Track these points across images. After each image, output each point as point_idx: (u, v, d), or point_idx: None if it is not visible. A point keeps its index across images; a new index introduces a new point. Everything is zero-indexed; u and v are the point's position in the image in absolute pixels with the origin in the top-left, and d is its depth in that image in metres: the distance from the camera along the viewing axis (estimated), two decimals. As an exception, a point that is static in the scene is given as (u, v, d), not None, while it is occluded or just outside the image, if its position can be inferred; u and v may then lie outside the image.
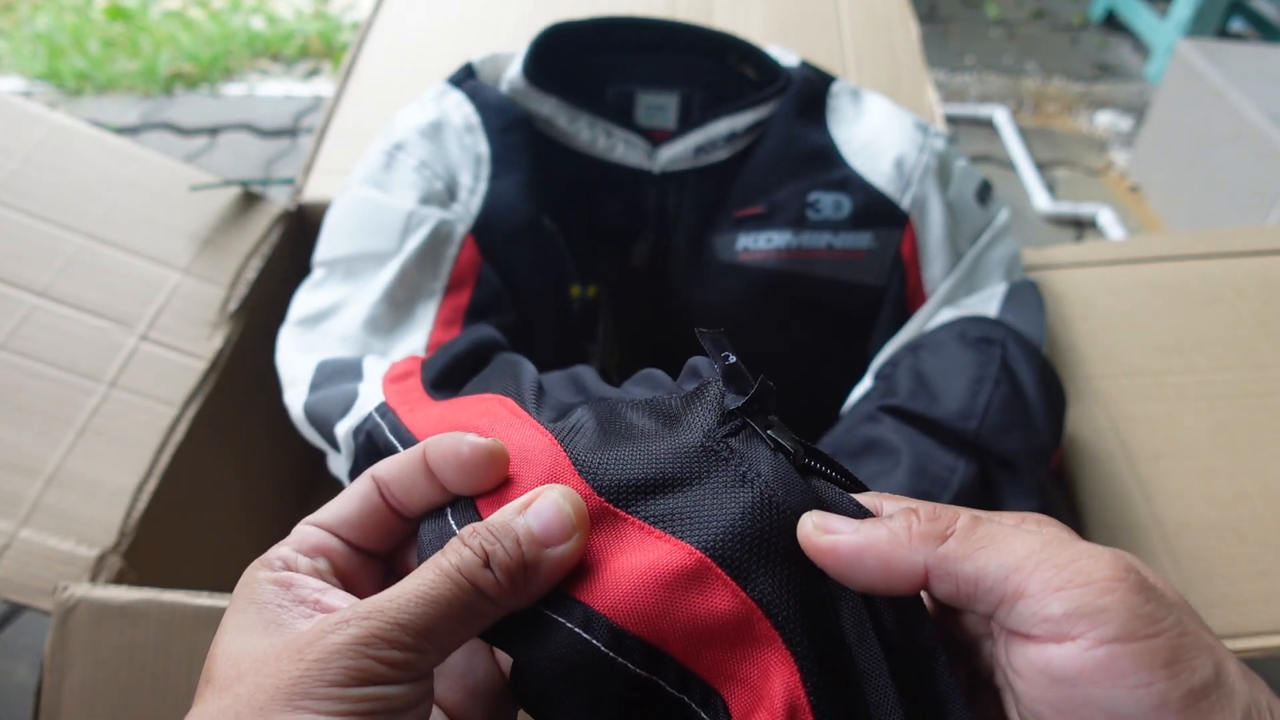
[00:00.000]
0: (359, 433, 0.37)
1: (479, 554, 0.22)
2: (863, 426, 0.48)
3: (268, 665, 0.21)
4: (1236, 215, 1.27)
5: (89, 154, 0.63)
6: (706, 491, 0.24)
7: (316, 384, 0.44)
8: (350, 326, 0.48)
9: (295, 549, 0.24)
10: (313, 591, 0.23)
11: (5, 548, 0.48)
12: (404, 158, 0.51)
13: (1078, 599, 0.19)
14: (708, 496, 0.24)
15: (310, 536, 0.25)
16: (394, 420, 0.34)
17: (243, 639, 0.22)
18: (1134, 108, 1.71)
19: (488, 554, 0.22)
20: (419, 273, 0.49)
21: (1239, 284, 0.63)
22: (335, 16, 1.89)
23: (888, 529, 0.22)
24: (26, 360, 0.54)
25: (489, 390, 0.33)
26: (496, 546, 0.22)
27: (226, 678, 0.21)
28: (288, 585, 0.23)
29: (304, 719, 0.19)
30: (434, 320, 0.48)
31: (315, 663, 0.20)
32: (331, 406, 0.41)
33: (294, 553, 0.24)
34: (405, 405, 0.36)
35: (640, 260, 0.57)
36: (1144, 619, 0.19)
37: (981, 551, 0.21)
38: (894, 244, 0.53)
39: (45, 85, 1.67)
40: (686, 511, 0.24)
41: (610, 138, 0.55)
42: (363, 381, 0.42)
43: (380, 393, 0.38)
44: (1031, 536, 0.21)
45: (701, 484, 0.24)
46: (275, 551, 0.24)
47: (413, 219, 0.49)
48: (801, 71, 0.56)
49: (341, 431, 0.40)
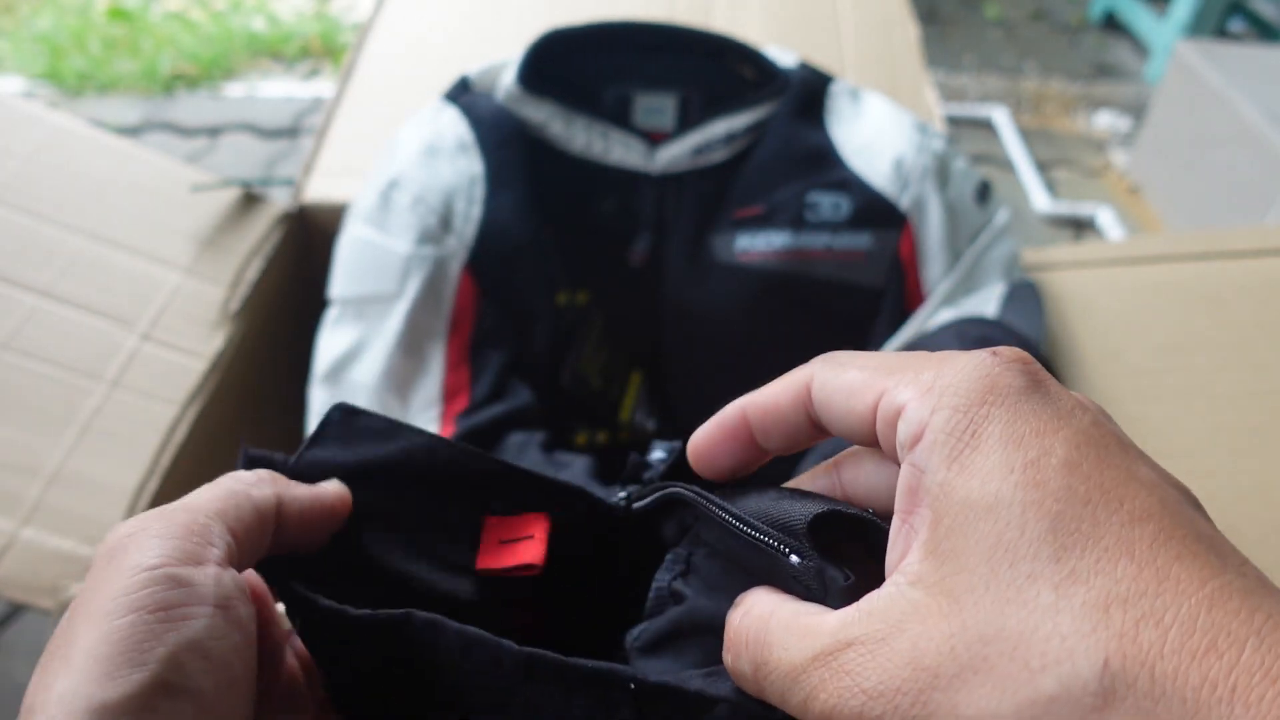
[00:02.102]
0: None
1: (272, 475, 0.25)
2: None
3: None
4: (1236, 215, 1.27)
5: (90, 155, 0.64)
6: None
7: None
8: (370, 376, 0.52)
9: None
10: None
11: (6, 547, 0.48)
12: (399, 195, 0.53)
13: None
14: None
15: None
16: None
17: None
18: (1133, 108, 1.72)
19: (276, 478, 0.24)
20: (423, 314, 0.52)
21: (1239, 284, 0.63)
22: (335, 17, 1.89)
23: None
24: (28, 360, 0.54)
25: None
26: (285, 481, 0.24)
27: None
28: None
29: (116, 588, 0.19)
30: (444, 364, 0.52)
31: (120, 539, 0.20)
32: None
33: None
34: None
35: (638, 261, 0.57)
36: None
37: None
38: (893, 245, 0.53)
39: (46, 86, 1.67)
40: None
41: (608, 140, 0.55)
42: None
43: None
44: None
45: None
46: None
47: (411, 262, 0.52)
48: (800, 72, 0.56)
49: None
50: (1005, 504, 0.16)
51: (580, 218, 0.57)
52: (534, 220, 0.53)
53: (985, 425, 0.17)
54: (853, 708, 0.17)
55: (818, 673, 0.18)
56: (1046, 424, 0.17)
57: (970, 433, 0.17)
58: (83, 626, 0.19)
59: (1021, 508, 0.16)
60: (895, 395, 0.19)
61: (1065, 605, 0.15)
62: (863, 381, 0.20)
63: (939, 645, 0.16)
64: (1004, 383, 0.18)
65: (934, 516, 0.18)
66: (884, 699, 0.17)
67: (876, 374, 0.20)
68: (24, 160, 0.61)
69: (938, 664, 0.16)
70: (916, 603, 0.17)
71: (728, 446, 0.24)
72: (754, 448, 0.24)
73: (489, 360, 0.53)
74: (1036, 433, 0.17)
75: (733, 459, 0.24)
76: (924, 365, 0.19)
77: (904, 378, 0.19)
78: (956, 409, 0.18)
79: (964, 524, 0.17)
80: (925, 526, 0.18)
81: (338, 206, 0.65)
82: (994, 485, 0.17)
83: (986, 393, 0.18)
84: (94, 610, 0.19)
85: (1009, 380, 0.18)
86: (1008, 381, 0.18)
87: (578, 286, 0.57)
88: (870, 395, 0.20)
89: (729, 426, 0.23)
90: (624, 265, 0.58)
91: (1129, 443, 0.18)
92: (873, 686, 0.17)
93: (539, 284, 0.54)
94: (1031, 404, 0.18)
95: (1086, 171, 1.55)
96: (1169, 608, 0.15)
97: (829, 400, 0.21)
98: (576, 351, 0.57)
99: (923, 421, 0.18)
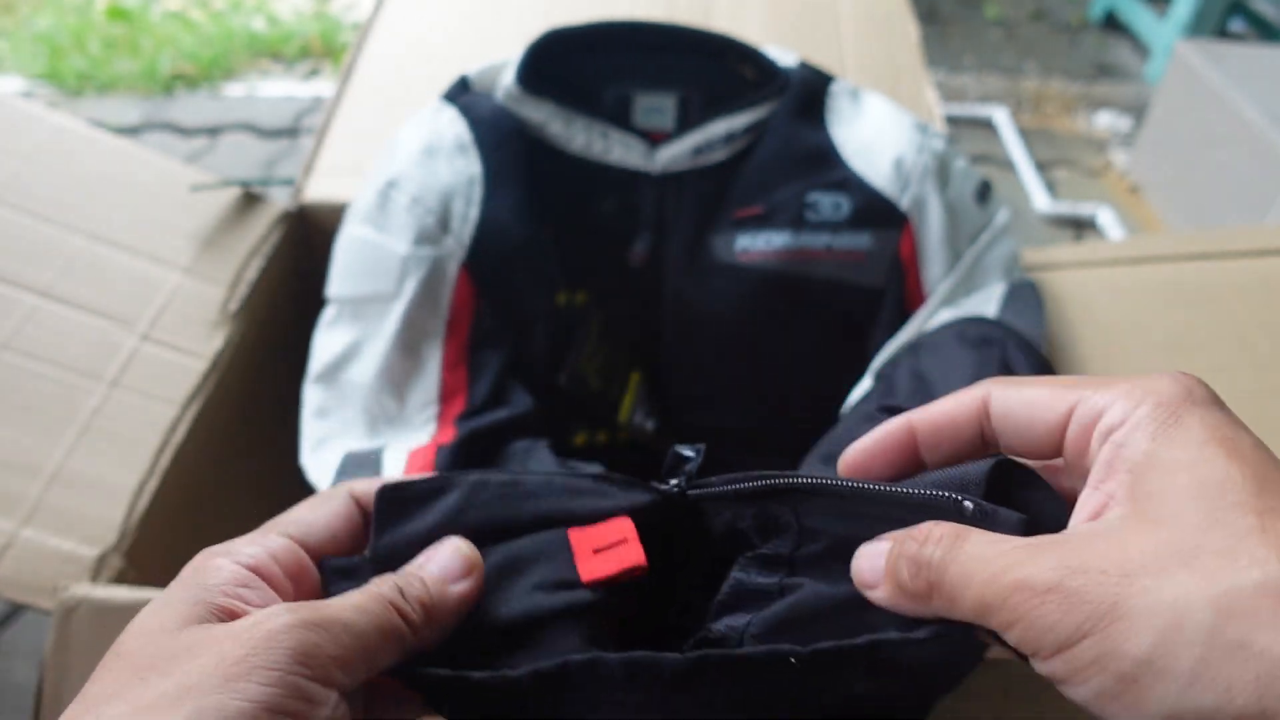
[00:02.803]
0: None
1: (394, 586, 0.24)
2: (863, 427, 0.48)
3: (206, 647, 0.20)
4: (1236, 215, 1.27)
5: (89, 154, 0.64)
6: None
7: (343, 471, 0.49)
8: (366, 375, 0.51)
9: (271, 555, 0.24)
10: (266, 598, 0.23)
11: (6, 547, 0.48)
12: (397, 195, 0.53)
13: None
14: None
15: (289, 550, 0.25)
16: None
17: (176, 617, 0.22)
18: (1133, 108, 1.71)
19: (401, 588, 0.24)
20: (420, 314, 0.52)
21: (1239, 284, 0.63)
22: (335, 16, 1.89)
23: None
24: (28, 360, 0.54)
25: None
26: (407, 582, 0.24)
27: (149, 657, 0.20)
28: (245, 584, 0.23)
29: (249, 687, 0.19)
30: (441, 364, 0.52)
31: (261, 640, 0.20)
32: None
33: (270, 559, 0.24)
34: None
35: (638, 261, 0.57)
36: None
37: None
38: (893, 245, 0.53)
39: (46, 85, 1.67)
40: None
41: (607, 139, 0.55)
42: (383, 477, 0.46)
43: None
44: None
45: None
46: (245, 548, 0.24)
47: (408, 262, 0.51)
48: (800, 72, 0.56)
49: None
50: (1207, 459, 0.19)
51: (580, 218, 0.57)
52: (532, 220, 0.53)
53: (1185, 416, 0.20)
54: (1049, 579, 0.19)
55: (1013, 558, 0.20)
56: (1234, 425, 0.21)
57: (1174, 418, 0.20)
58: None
59: (1224, 459, 0.19)
60: (1094, 400, 0.22)
61: (1270, 526, 0.18)
62: (1050, 395, 0.23)
63: (1146, 546, 0.19)
64: (1198, 393, 0.21)
65: (1133, 477, 0.20)
66: (1086, 574, 0.18)
67: (1064, 388, 0.23)
68: (24, 160, 0.61)
69: (1148, 560, 0.18)
70: (1129, 526, 0.19)
71: (888, 458, 0.26)
72: (915, 460, 0.25)
73: (487, 361, 0.53)
74: (1228, 423, 0.20)
75: (890, 470, 0.26)
76: (1115, 379, 0.22)
77: (1099, 386, 0.22)
78: (1160, 403, 0.21)
79: (1167, 475, 0.20)
80: (1125, 484, 0.20)
81: (338, 206, 0.65)
82: (1195, 450, 0.20)
83: (1185, 395, 0.21)
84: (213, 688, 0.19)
85: (1202, 392, 0.21)
86: (1201, 393, 0.21)
87: (577, 287, 0.57)
88: (1062, 405, 0.22)
89: (895, 438, 0.25)
90: (624, 265, 0.58)
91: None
92: (1079, 563, 0.19)
93: (537, 284, 0.54)
94: (1222, 412, 0.21)
95: (1087, 171, 1.55)
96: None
97: (1010, 413, 0.23)
98: (575, 352, 0.57)
99: (1127, 412, 0.21)
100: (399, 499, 0.26)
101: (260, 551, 0.24)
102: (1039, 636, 0.19)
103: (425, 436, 0.51)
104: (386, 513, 0.26)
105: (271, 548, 0.25)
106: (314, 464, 0.52)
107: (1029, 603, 0.19)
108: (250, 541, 0.25)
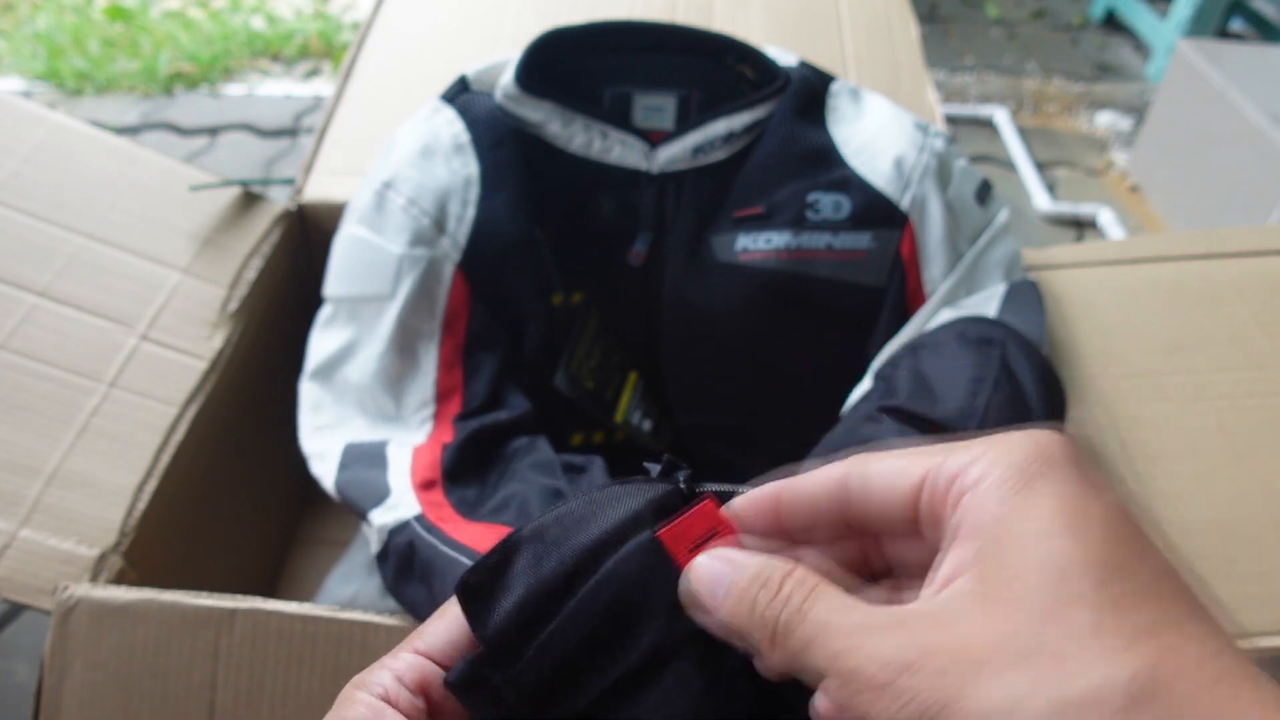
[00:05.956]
0: (396, 534, 0.45)
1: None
2: (863, 427, 0.48)
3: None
4: (1236, 215, 1.27)
5: (89, 154, 0.63)
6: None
7: (345, 464, 0.50)
8: (363, 376, 0.52)
9: (398, 679, 0.25)
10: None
11: (5, 547, 0.48)
12: (393, 196, 0.53)
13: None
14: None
15: (415, 668, 0.25)
16: (440, 534, 0.43)
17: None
18: (1134, 108, 1.71)
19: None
20: (416, 316, 0.52)
21: (1239, 284, 0.63)
22: (335, 16, 1.89)
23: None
24: (27, 360, 0.54)
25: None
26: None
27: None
28: (379, 714, 0.24)
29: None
30: (437, 365, 0.52)
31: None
32: (363, 494, 0.47)
33: (397, 684, 0.25)
34: (446, 522, 0.44)
35: (637, 261, 0.57)
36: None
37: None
38: (893, 244, 0.53)
39: (45, 85, 1.67)
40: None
41: (607, 139, 0.55)
42: (389, 473, 0.48)
43: (415, 500, 0.46)
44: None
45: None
46: (377, 676, 0.25)
47: (404, 263, 0.52)
48: (800, 71, 0.56)
49: (375, 522, 0.46)
50: (1055, 535, 0.19)
51: (579, 218, 0.57)
52: (529, 221, 0.53)
53: (1036, 481, 0.20)
54: (886, 675, 0.19)
55: (856, 638, 0.20)
56: (1087, 489, 0.20)
57: (1024, 483, 0.20)
58: None
59: (1069, 540, 0.19)
60: (948, 465, 0.21)
61: (1105, 625, 0.18)
62: (907, 463, 0.22)
63: (986, 640, 0.18)
64: (1052, 452, 0.21)
65: (983, 545, 0.20)
66: (923, 671, 0.18)
67: (920, 456, 0.22)
68: (23, 160, 0.61)
69: (984, 655, 0.18)
70: (969, 607, 0.19)
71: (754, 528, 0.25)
72: (776, 535, 0.25)
73: (483, 361, 0.53)
74: (1080, 494, 0.20)
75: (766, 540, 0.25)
76: (972, 441, 0.22)
77: (954, 451, 0.22)
78: (1011, 466, 0.20)
79: (1015, 550, 0.19)
80: (974, 553, 0.20)
81: (337, 206, 0.65)
82: (1044, 522, 0.19)
83: (1037, 457, 0.20)
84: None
85: (1056, 450, 0.21)
86: (1055, 451, 0.21)
87: (574, 287, 0.57)
88: (917, 471, 0.22)
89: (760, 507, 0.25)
90: (623, 265, 0.57)
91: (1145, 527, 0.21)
92: (918, 654, 0.19)
93: (533, 285, 0.54)
94: (1076, 472, 0.20)
95: (1087, 171, 1.55)
96: (1188, 645, 0.17)
97: (869, 485, 0.23)
98: (570, 352, 0.57)
99: (979, 476, 0.21)
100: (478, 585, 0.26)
101: (388, 675, 0.25)
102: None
103: (423, 436, 0.51)
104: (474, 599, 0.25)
105: (398, 669, 0.25)
106: (314, 447, 0.52)
107: (863, 694, 0.19)
108: (382, 666, 0.26)
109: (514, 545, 0.26)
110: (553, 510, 0.26)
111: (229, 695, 0.43)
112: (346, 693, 0.25)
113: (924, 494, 0.22)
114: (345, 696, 0.25)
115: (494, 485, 0.48)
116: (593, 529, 0.25)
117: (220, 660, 0.43)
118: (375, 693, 0.24)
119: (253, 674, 0.43)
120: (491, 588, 0.25)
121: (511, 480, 0.48)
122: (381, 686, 0.24)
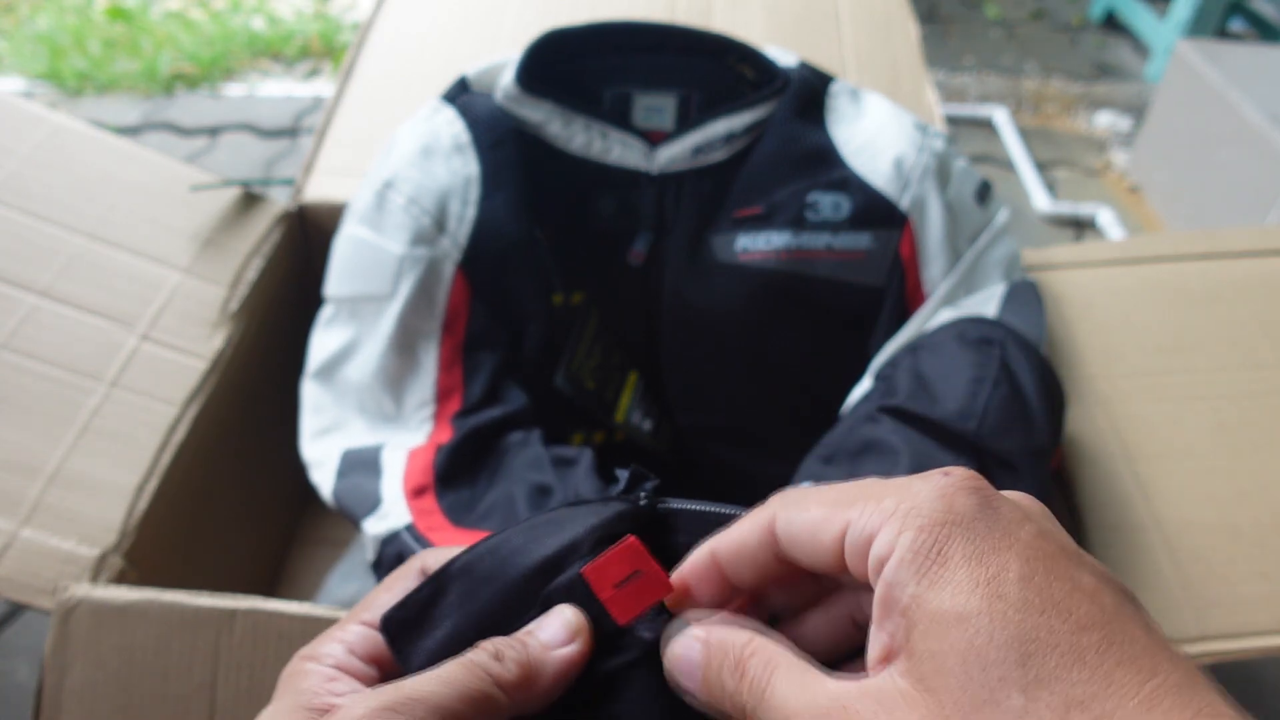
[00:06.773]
0: (388, 543, 0.46)
1: (490, 650, 0.24)
2: (863, 427, 0.49)
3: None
4: (1236, 215, 1.27)
5: (89, 154, 0.64)
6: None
7: (342, 472, 0.50)
8: (363, 375, 0.52)
9: (349, 650, 0.25)
10: (353, 689, 0.24)
11: (6, 547, 0.48)
12: (393, 196, 0.53)
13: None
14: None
15: (365, 638, 0.25)
16: (428, 545, 0.43)
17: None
18: (1134, 108, 1.71)
19: (499, 651, 0.24)
20: (416, 316, 0.52)
21: (1239, 284, 0.63)
22: (335, 17, 1.89)
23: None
24: (27, 360, 0.54)
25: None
26: (509, 644, 0.24)
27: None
28: (333, 679, 0.24)
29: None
30: (437, 364, 0.52)
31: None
32: (357, 502, 0.48)
33: (349, 654, 0.25)
34: (435, 531, 0.45)
35: (637, 261, 0.57)
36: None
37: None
38: (893, 244, 0.53)
39: (46, 85, 1.67)
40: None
41: (607, 140, 0.55)
42: (382, 480, 0.48)
43: (405, 509, 0.46)
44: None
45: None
46: (328, 648, 0.25)
47: (404, 262, 0.52)
48: (800, 72, 0.56)
49: (369, 531, 0.47)
50: (974, 614, 0.19)
51: (579, 218, 0.57)
52: (528, 221, 0.53)
53: (948, 545, 0.20)
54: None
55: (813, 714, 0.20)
56: (999, 540, 0.20)
57: (936, 550, 0.20)
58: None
59: (989, 618, 0.18)
60: (861, 525, 0.21)
61: (1033, 707, 0.18)
62: (824, 517, 0.22)
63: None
64: (959, 505, 0.20)
65: (909, 624, 0.20)
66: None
67: (837, 508, 0.22)
68: (24, 160, 0.61)
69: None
70: (906, 693, 0.19)
71: (703, 589, 0.25)
72: (728, 588, 0.25)
73: (483, 361, 0.53)
74: (993, 549, 0.19)
75: (711, 600, 0.25)
76: (883, 492, 0.21)
77: (866, 507, 0.21)
78: (921, 529, 0.20)
79: (939, 632, 0.19)
80: (903, 631, 0.20)
81: (337, 206, 0.65)
82: (962, 599, 0.19)
83: (945, 514, 0.20)
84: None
85: (963, 502, 0.20)
86: (962, 503, 0.20)
87: (574, 287, 0.57)
88: (835, 528, 0.22)
89: (700, 569, 0.25)
90: (623, 265, 0.57)
91: (1072, 548, 0.20)
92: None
93: (533, 284, 0.54)
94: (985, 523, 0.20)
95: (1087, 171, 1.55)
96: (1116, 710, 0.17)
97: (795, 539, 0.23)
98: (570, 352, 0.57)
99: (890, 544, 0.20)
100: (403, 620, 0.26)
101: (339, 647, 0.25)
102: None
103: (422, 436, 0.51)
104: (399, 639, 0.26)
105: (348, 640, 0.26)
106: (313, 454, 0.52)
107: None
108: (330, 638, 0.26)
109: (445, 579, 0.26)
110: (488, 541, 0.27)
111: (229, 695, 0.43)
112: (295, 665, 0.25)
113: (846, 553, 0.22)
114: (294, 670, 0.25)
115: (485, 487, 0.49)
116: (526, 561, 0.26)
117: (220, 660, 0.43)
118: (327, 663, 0.24)
119: (253, 674, 0.43)
120: (419, 622, 0.26)
121: (502, 480, 0.48)
122: (333, 658, 0.25)
